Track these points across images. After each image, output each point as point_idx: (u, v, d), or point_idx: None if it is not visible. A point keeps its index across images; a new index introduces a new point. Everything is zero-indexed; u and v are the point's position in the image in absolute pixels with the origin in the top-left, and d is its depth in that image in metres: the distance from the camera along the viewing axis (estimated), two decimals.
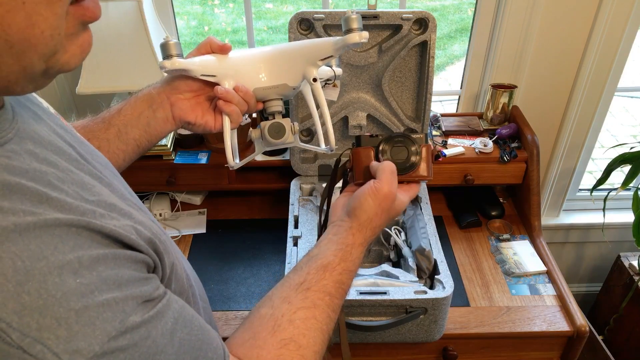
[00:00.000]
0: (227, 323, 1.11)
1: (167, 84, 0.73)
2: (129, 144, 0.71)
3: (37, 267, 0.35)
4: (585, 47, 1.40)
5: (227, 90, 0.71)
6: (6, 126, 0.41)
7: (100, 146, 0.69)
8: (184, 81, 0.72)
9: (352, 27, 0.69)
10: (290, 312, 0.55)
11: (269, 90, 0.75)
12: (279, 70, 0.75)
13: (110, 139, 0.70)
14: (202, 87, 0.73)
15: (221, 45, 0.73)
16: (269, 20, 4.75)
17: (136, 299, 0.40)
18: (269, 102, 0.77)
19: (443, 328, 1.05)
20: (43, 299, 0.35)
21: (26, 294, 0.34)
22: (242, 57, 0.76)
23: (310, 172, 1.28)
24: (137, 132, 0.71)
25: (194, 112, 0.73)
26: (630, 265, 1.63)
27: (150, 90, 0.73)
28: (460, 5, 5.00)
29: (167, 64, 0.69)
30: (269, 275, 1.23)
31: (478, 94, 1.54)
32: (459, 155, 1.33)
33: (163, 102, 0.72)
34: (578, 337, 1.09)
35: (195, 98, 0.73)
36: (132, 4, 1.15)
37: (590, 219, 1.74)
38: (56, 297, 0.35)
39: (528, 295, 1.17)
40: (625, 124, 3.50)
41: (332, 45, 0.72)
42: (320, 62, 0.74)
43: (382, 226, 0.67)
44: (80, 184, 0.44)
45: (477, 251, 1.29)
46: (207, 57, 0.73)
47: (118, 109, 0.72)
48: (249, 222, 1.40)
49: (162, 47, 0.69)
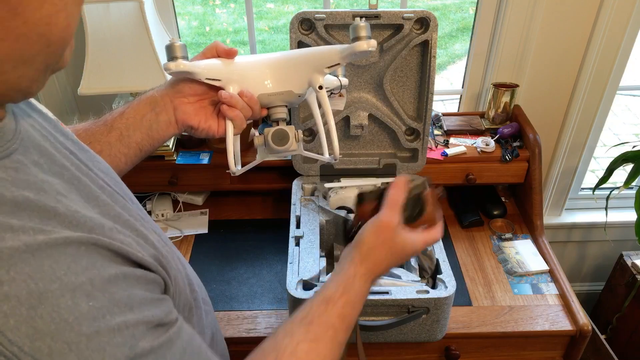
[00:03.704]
0: (229, 323, 1.11)
1: (171, 87, 0.72)
2: (131, 148, 0.70)
3: (50, 289, 0.34)
4: (587, 46, 1.40)
5: (231, 95, 0.70)
6: (10, 136, 0.40)
7: (101, 150, 0.68)
8: (188, 84, 0.71)
9: (360, 35, 0.68)
10: (292, 345, 0.54)
11: (274, 97, 0.74)
12: (285, 76, 0.74)
13: (112, 143, 0.69)
14: (206, 91, 0.72)
15: (227, 49, 0.72)
16: (270, 20, 4.75)
17: (147, 324, 0.39)
18: (273, 108, 0.76)
19: (445, 328, 1.05)
20: (55, 323, 0.34)
21: (39, 318, 0.34)
22: (248, 62, 0.75)
23: (312, 172, 1.28)
24: (139, 136, 0.70)
25: (197, 116, 0.72)
26: (633, 264, 1.62)
27: (153, 93, 0.72)
28: (461, 4, 5.00)
29: (172, 65, 0.68)
30: (270, 275, 1.23)
31: (480, 93, 1.54)
32: (461, 154, 1.33)
33: (166, 105, 0.71)
34: (581, 337, 1.09)
35: (199, 102, 0.72)
36: (134, 5, 1.15)
37: (593, 218, 1.74)
38: (68, 321, 0.35)
39: (530, 294, 1.17)
40: (628, 122, 3.49)
41: (339, 53, 0.71)
42: (326, 70, 0.73)
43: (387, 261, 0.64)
44: (86, 194, 0.43)
45: (479, 250, 1.29)
46: (212, 61, 0.72)
47: (120, 112, 0.71)
48: (250, 222, 1.40)
49: (168, 48, 0.69)
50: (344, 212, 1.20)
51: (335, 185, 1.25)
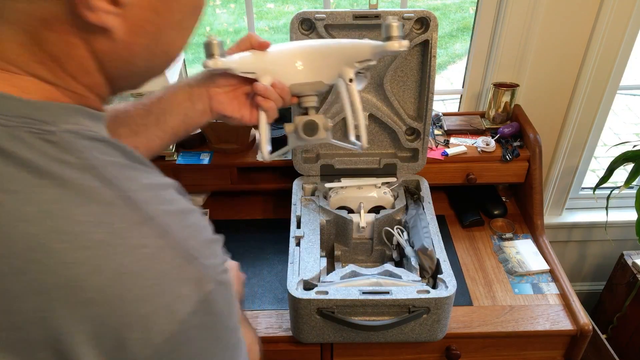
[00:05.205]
0: None
1: (207, 77, 0.76)
2: (167, 132, 0.74)
3: (185, 209, 0.44)
4: (588, 45, 1.40)
5: (266, 88, 0.74)
6: None
7: (138, 131, 0.72)
8: (223, 76, 0.75)
9: (393, 35, 0.70)
10: None
11: (305, 87, 0.77)
12: (316, 67, 0.77)
13: (149, 125, 0.73)
14: (240, 82, 0.76)
15: (261, 42, 0.76)
16: (271, 20, 4.75)
17: (223, 259, 0.46)
18: (303, 97, 0.79)
19: (446, 327, 1.05)
20: (194, 228, 0.43)
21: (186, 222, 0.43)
22: (280, 52, 0.78)
23: (313, 172, 1.28)
24: (175, 121, 0.74)
25: (231, 106, 0.75)
26: (634, 263, 1.62)
27: (190, 81, 0.75)
28: (461, 4, 4.99)
29: (211, 63, 0.72)
30: (271, 275, 1.23)
31: (480, 93, 1.53)
32: (461, 154, 1.33)
33: (202, 95, 0.74)
34: (581, 336, 1.09)
35: (232, 92, 0.76)
36: None
37: (593, 217, 1.74)
38: (199, 228, 0.44)
39: (531, 294, 1.17)
40: (628, 122, 3.49)
41: (371, 50, 0.74)
42: (357, 64, 0.75)
43: None
44: None
45: (479, 250, 1.29)
46: (246, 54, 0.75)
47: (158, 97, 0.74)
48: (251, 223, 1.40)
49: (206, 46, 0.73)
50: (344, 212, 1.20)
51: (335, 185, 1.25)
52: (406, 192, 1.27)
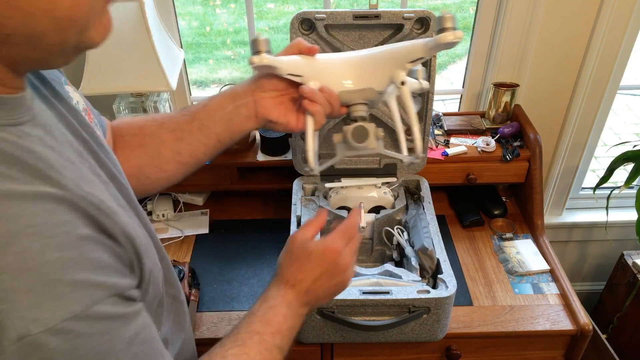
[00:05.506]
0: (230, 323, 1.11)
1: (252, 82, 0.74)
2: (211, 138, 0.73)
3: (25, 233, 0.37)
4: (588, 45, 1.40)
5: (313, 90, 0.71)
6: (23, 110, 0.43)
7: (182, 137, 0.72)
8: (269, 80, 0.73)
9: (446, 26, 0.67)
10: (222, 351, 0.59)
11: (355, 94, 0.74)
12: (366, 74, 0.74)
13: (193, 131, 0.73)
14: (287, 87, 0.73)
15: (309, 47, 0.74)
16: (271, 20, 4.75)
17: (108, 289, 0.41)
18: (353, 106, 0.75)
19: (446, 327, 1.05)
20: (20, 262, 0.36)
21: (9, 254, 0.36)
22: (329, 59, 0.75)
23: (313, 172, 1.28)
24: (219, 127, 0.73)
25: (277, 111, 0.73)
26: (634, 263, 1.62)
27: (235, 87, 0.74)
28: (461, 4, 4.99)
29: (256, 59, 0.69)
30: (271, 275, 1.23)
31: (480, 93, 1.53)
32: (461, 154, 1.33)
33: (247, 100, 0.73)
34: (582, 336, 1.09)
35: (279, 97, 0.74)
36: (134, 5, 1.15)
37: (593, 217, 1.74)
38: (33, 263, 0.37)
39: (531, 294, 1.17)
40: (628, 122, 3.49)
41: (423, 46, 0.70)
42: (409, 65, 0.72)
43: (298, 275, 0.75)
44: (80, 175, 0.46)
45: (479, 250, 1.29)
46: (294, 57, 0.73)
47: (204, 104, 0.74)
48: (251, 223, 1.40)
49: (252, 43, 0.69)
50: (344, 212, 1.20)
51: (335, 185, 1.25)
52: (406, 192, 1.27)
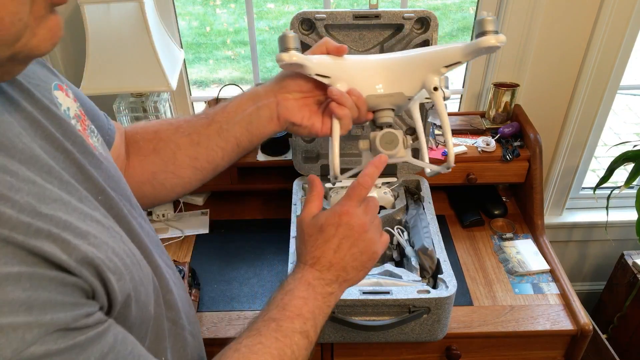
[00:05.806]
0: (230, 324, 1.11)
1: (275, 82, 0.70)
2: (229, 142, 0.69)
3: None
4: (588, 45, 1.40)
5: (341, 93, 0.67)
6: None
7: (199, 142, 0.68)
8: (294, 80, 0.68)
9: (487, 30, 0.63)
10: (236, 344, 0.56)
11: (383, 99, 0.70)
12: (397, 78, 0.70)
13: (211, 135, 0.68)
14: (312, 89, 0.69)
15: (337, 46, 0.69)
16: (271, 20, 4.75)
17: (46, 327, 0.37)
18: (380, 112, 0.71)
19: (446, 327, 1.05)
20: None
21: None
22: (359, 61, 0.71)
23: (313, 172, 1.28)
24: (238, 130, 0.69)
25: (301, 113, 0.69)
26: (634, 263, 1.62)
27: (257, 88, 0.70)
28: (461, 4, 4.99)
29: (285, 57, 0.65)
30: (271, 275, 1.23)
31: (480, 93, 1.53)
32: (462, 154, 1.33)
33: (269, 100, 0.68)
34: (582, 336, 1.09)
35: (303, 99, 0.69)
36: (134, 5, 1.16)
37: (594, 217, 1.74)
38: None
39: (531, 294, 1.17)
40: (629, 122, 3.49)
41: (461, 50, 0.66)
42: (444, 70, 0.68)
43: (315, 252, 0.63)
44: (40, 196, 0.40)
45: (480, 250, 1.29)
46: (323, 57, 0.69)
47: (223, 106, 0.70)
48: (251, 223, 1.40)
49: (281, 39, 0.66)
50: None
51: (336, 185, 1.25)
52: (406, 192, 1.27)
